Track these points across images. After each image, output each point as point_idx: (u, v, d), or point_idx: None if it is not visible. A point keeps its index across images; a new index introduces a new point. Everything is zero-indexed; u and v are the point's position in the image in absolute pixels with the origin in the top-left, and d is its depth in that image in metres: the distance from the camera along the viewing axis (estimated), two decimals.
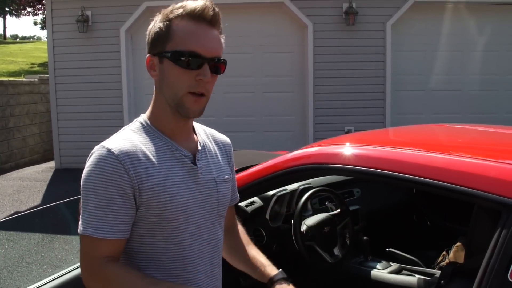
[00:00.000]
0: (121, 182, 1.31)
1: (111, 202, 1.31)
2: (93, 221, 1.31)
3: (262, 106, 9.62)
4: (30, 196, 7.75)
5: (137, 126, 1.45)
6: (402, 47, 9.39)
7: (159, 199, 1.35)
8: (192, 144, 1.49)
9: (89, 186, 1.31)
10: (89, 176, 1.32)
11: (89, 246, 1.33)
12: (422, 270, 2.69)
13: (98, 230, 1.30)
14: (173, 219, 1.38)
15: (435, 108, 9.50)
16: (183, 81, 1.37)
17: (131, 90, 9.53)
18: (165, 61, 1.38)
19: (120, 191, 1.31)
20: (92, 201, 1.31)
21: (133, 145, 1.36)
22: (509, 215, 1.51)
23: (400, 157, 1.96)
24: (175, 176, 1.39)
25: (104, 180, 1.30)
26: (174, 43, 1.36)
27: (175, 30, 1.36)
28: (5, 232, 3.82)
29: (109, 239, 1.32)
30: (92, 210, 1.31)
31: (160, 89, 1.42)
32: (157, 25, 1.39)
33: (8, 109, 10.07)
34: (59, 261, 4.51)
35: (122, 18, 9.27)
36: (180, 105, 1.39)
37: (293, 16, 9.26)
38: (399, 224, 3.52)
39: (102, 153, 1.32)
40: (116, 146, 1.34)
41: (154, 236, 1.39)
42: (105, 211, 1.31)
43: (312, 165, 2.25)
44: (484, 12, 9.32)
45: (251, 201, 2.71)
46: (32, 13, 31.07)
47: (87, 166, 1.34)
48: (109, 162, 1.31)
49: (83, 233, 1.32)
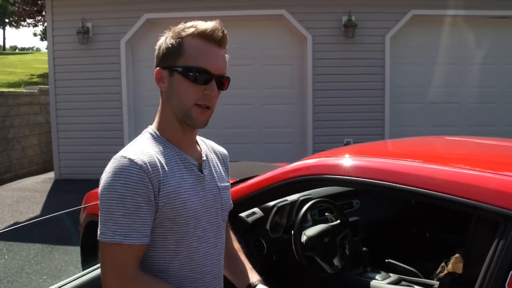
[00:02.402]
0: (146, 191, 1.38)
1: (139, 210, 1.37)
2: (121, 229, 1.36)
3: (261, 118, 9.64)
4: (29, 206, 7.74)
5: (148, 137, 1.53)
6: (401, 59, 9.44)
7: (173, 205, 1.43)
8: (197, 154, 1.59)
9: (114, 195, 1.36)
10: (113, 186, 1.36)
11: (118, 253, 1.37)
12: (421, 281, 2.69)
13: (128, 237, 1.36)
14: (184, 223, 1.46)
15: (434, 121, 9.52)
16: (191, 94, 1.47)
17: (131, 102, 9.55)
18: (175, 75, 1.48)
19: (145, 199, 1.38)
20: (119, 209, 1.36)
21: (150, 155, 1.43)
22: (507, 226, 1.53)
23: (399, 169, 1.98)
24: (186, 184, 1.48)
25: (130, 189, 1.36)
26: (185, 59, 1.46)
27: (187, 47, 1.46)
28: (5, 243, 3.83)
29: (138, 245, 1.38)
30: (119, 218, 1.36)
31: (168, 100, 1.52)
32: (169, 41, 1.49)
33: (8, 119, 10.09)
34: (59, 272, 4.51)
35: (122, 30, 9.32)
36: (188, 115, 1.48)
37: (293, 29, 9.32)
38: (398, 235, 3.53)
39: (125, 163, 1.38)
40: (137, 157, 1.40)
41: (167, 240, 1.46)
42: (133, 218, 1.37)
43: (312, 176, 2.27)
44: (482, 25, 9.38)
45: (252, 211, 2.73)
46: (32, 25, 31.13)
47: (109, 176, 1.38)
48: (134, 172, 1.37)
49: (111, 241, 1.36)
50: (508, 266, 1.47)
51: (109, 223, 1.36)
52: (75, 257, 4.35)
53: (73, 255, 4.63)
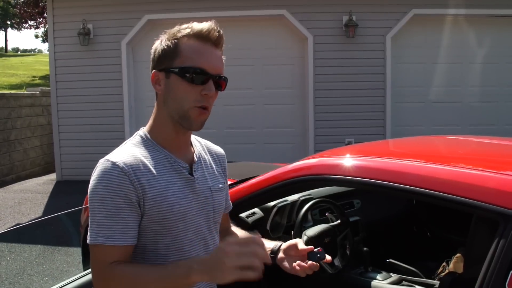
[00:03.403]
0: (127, 192, 1.38)
1: (120, 211, 1.38)
2: (103, 231, 1.37)
3: (262, 118, 9.64)
4: (31, 208, 7.75)
5: (138, 140, 1.53)
6: (402, 59, 9.44)
7: (160, 209, 1.43)
8: (189, 156, 1.57)
9: (96, 198, 1.38)
10: (95, 189, 1.38)
11: (101, 254, 1.39)
12: (422, 281, 2.69)
13: (110, 238, 1.37)
14: (172, 227, 1.46)
15: (435, 120, 9.52)
16: (189, 95, 1.45)
17: (132, 103, 9.56)
18: (172, 76, 1.46)
19: (127, 200, 1.38)
20: (101, 211, 1.37)
21: (135, 158, 1.43)
22: (507, 225, 1.52)
23: (400, 168, 1.97)
24: (174, 187, 1.47)
25: (111, 191, 1.37)
26: (181, 59, 1.45)
27: (183, 48, 1.45)
28: (6, 244, 3.83)
29: (120, 246, 1.38)
30: (101, 219, 1.37)
31: (164, 102, 1.50)
32: (164, 43, 1.48)
33: (10, 121, 10.11)
34: (60, 273, 4.52)
35: (123, 31, 9.33)
36: (185, 117, 1.47)
37: (293, 29, 9.32)
38: (399, 235, 3.53)
39: (107, 166, 1.39)
40: (120, 159, 1.41)
41: (157, 244, 1.47)
42: (115, 220, 1.38)
43: (313, 176, 2.27)
44: (483, 24, 9.37)
45: (252, 212, 2.73)
46: (33, 26, 31.20)
47: (93, 179, 1.41)
48: (115, 175, 1.38)
49: (94, 242, 1.38)
50: (508, 265, 1.47)
51: (93, 225, 1.38)
52: (77, 258, 4.35)
53: (75, 256, 4.63)
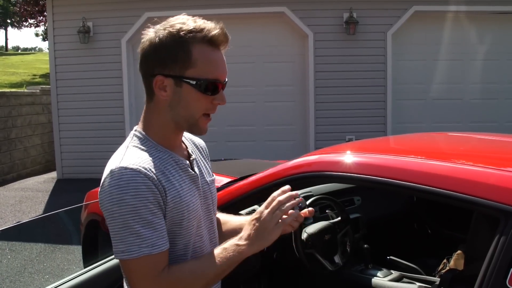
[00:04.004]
0: (156, 197, 1.34)
1: (155, 217, 1.33)
2: (145, 241, 1.31)
3: (263, 116, 9.64)
4: (32, 206, 7.76)
5: (137, 141, 1.45)
6: (402, 56, 9.42)
7: (179, 210, 1.40)
8: (184, 153, 1.56)
9: (128, 209, 1.30)
10: (123, 200, 1.29)
11: (149, 265, 1.33)
12: (423, 278, 2.68)
13: (155, 247, 1.32)
14: (189, 226, 1.44)
15: (436, 117, 9.51)
16: (201, 105, 1.42)
17: (133, 100, 9.55)
18: (184, 86, 1.39)
19: (157, 205, 1.34)
20: (137, 222, 1.30)
21: (148, 161, 1.38)
22: (508, 222, 1.51)
23: (401, 165, 1.97)
24: (185, 186, 1.45)
25: (142, 199, 1.31)
26: (196, 70, 1.38)
27: (197, 58, 1.37)
28: (7, 242, 3.83)
29: (165, 251, 1.35)
30: (140, 230, 1.30)
31: (170, 108, 1.43)
32: (169, 42, 1.38)
33: (10, 120, 10.11)
34: (61, 271, 4.52)
35: (123, 29, 9.33)
36: (195, 125, 1.45)
37: (294, 26, 9.30)
38: (400, 232, 3.52)
39: (129, 174, 1.31)
40: (137, 165, 1.34)
41: (176, 246, 1.44)
42: (154, 226, 1.33)
43: (313, 173, 2.26)
44: (484, 21, 9.35)
45: (252, 209, 2.72)
46: (33, 25, 31.16)
47: (115, 191, 1.30)
48: (140, 182, 1.31)
49: (139, 255, 1.31)
50: (509, 262, 1.46)
51: (130, 238, 1.30)
52: (77, 256, 4.35)
53: (75, 254, 4.62)
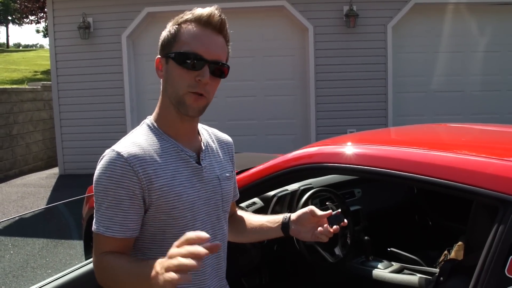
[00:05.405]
0: (130, 184, 1.38)
1: (121, 203, 1.38)
2: (104, 221, 1.39)
3: (264, 110, 9.64)
4: (34, 202, 7.77)
5: (145, 128, 1.53)
6: (403, 49, 9.40)
7: (168, 198, 1.42)
8: (196, 144, 1.56)
9: (100, 188, 1.38)
10: (99, 179, 1.39)
11: (99, 243, 1.41)
12: (424, 269, 2.69)
13: (109, 229, 1.38)
14: (180, 217, 1.45)
15: (437, 110, 9.49)
16: (184, 80, 1.43)
17: (134, 96, 9.56)
18: (169, 62, 1.46)
19: (129, 192, 1.38)
20: (103, 201, 1.38)
21: (141, 148, 1.43)
22: (506, 211, 1.51)
23: (401, 156, 1.96)
24: (181, 176, 1.46)
25: (114, 182, 1.37)
26: (179, 44, 1.44)
27: (182, 33, 1.45)
28: (10, 238, 3.84)
29: (117, 238, 1.39)
30: (104, 210, 1.39)
31: (165, 88, 1.50)
32: (168, 30, 1.48)
33: (12, 116, 10.12)
34: (63, 266, 4.53)
35: (123, 24, 9.32)
36: (181, 103, 1.45)
37: (294, 20, 9.29)
38: (401, 224, 3.53)
39: (112, 156, 1.39)
40: (125, 149, 1.40)
41: (165, 234, 1.46)
42: (114, 211, 1.38)
43: (313, 164, 2.26)
44: (485, 13, 9.32)
45: (252, 201, 2.72)
46: (34, 21, 31.15)
47: (98, 169, 1.41)
48: (118, 165, 1.37)
49: (96, 231, 1.40)
50: (507, 251, 1.46)
51: (97, 214, 1.41)
52: (80, 251, 4.37)
53: (78, 249, 4.64)
